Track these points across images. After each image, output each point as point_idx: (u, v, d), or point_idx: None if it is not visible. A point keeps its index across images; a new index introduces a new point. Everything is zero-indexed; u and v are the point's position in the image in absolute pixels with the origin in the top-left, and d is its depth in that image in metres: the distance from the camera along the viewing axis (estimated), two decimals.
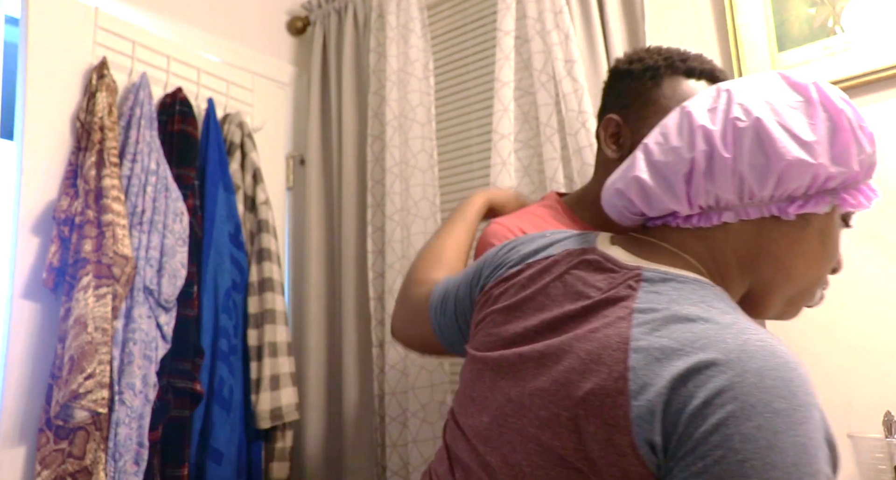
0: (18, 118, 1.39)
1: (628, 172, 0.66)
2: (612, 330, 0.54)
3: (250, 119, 1.90)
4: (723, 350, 0.48)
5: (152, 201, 1.45)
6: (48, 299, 1.37)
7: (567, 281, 0.63)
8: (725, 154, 0.58)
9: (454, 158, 1.78)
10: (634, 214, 0.67)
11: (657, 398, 0.48)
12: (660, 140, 0.64)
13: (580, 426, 0.51)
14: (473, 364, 0.67)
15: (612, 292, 0.58)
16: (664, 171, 0.62)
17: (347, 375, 1.76)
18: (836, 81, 1.21)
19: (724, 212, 0.61)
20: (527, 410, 0.56)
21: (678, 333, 0.51)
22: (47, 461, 1.25)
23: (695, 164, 0.60)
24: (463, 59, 1.80)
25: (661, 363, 0.49)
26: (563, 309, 0.61)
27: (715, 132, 0.59)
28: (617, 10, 1.45)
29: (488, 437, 0.59)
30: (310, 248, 1.92)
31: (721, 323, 0.51)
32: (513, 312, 0.66)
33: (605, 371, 0.51)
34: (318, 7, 2.06)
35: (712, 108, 0.62)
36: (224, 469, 1.52)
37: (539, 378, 0.57)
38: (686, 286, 0.57)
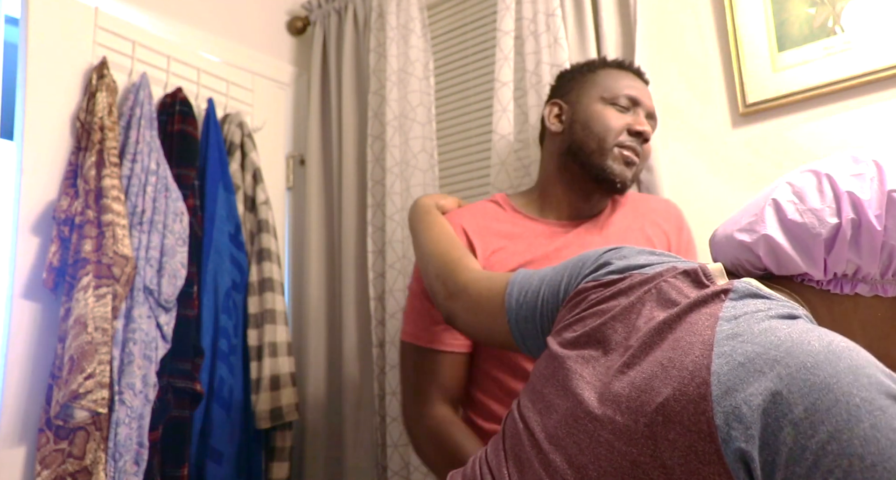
0: (18, 118, 1.39)
1: (756, 227, 0.62)
2: (696, 337, 0.53)
3: (250, 119, 1.90)
4: (809, 353, 0.47)
5: (152, 201, 1.45)
6: (48, 299, 1.37)
7: (661, 288, 0.62)
8: (877, 226, 0.56)
9: (454, 158, 1.78)
10: (756, 269, 0.65)
11: (745, 406, 0.46)
12: (793, 200, 0.61)
13: (657, 432, 0.50)
14: (551, 361, 0.65)
15: (700, 299, 0.57)
16: (800, 233, 0.59)
17: (347, 375, 1.76)
18: (836, 81, 1.21)
19: (859, 283, 0.59)
20: (600, 414, 0.55)
21: (761, 337, 0.50)
22: (47, 461, 1.25)
23: (840, 230, 0.57)
24: (463, 59, 1.80)
25: (744, 367, 0.48)
26: (650, 325, 0.59)
27: (865, 202, 0.56)
28: (612, 14, 1.45)
29: (555, 436, 0.58)
30: (310, 248, 1.92)
31: (803, 327, 0.50)
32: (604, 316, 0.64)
33: (686, 377, 0.50)
34: (318, 7, 2.06)
35: (857, 174, 0.59)
36: (224, 469, 1.52)
37: (616, 383, 0.55)
38: (775, 303, 0.55)
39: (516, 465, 0.61)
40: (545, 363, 0.67)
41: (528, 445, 0.60)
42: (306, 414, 1.83)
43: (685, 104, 1.40)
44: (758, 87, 1.30)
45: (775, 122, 1.29)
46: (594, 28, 1.46)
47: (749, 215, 0.65)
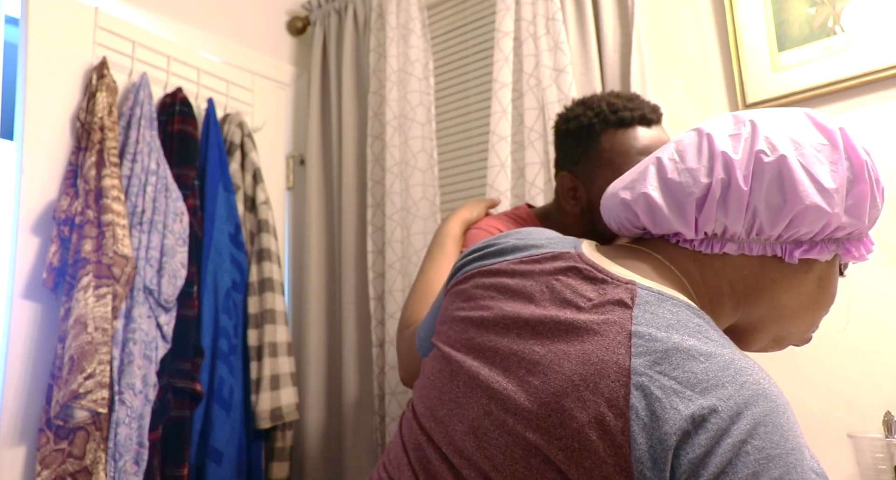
0: (18, 118, 1.39)
1: (637, 185, 0.64)
2: (610, 356, 0.52)
3: (250, 119, 1.90)
4: (722, 396, 0.48)
5: (152, 201, 1.45)
6: (48, 299, 1.37)
7: (554, 287, 0.60)
8: (744, 187, 0.57)
9: (454, 159, 1.78)
10: (636, 227, 0.66)
11: (660, 444, 0.47)
12: (674, 158, 0.62)
13: (573, 458, 0.49)
14: (444, 362, 0.63)
15: (605, 308, 0.56)
16: (676, 192, 0.61)
17: (347, 375, 1.76)
18: (836, 81, 1.22)
19: (727, 243, 0.60)
20: (511, 430, 0.53)
21: (680, 372, 0.50)
22: (47, 461, 1.25)
23: (710, 190, 0.58)
24: (463, 59, 1.80)
25: (662, 405, 0.48)
26: (547, 312, 0.58)
27: (736, 162, 0.58)
28: (612, 17, 1.45)
29: (464, 449, 0.55)
30: (310, 248, 1.92)
31: (720, 361, 0.51)
32: (489, 301, 0.62)
33: (602, 404, 0.49)
34: (318, 7, 2.06)
35: (734, 134, 0.60)
36: (224, 469, 1.52)
37: (522, 396, 0.53)
38: (682, 311, 0.56)
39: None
40: (438, 366, 0.63)
41: (436, 460, 0.57)
42: (306, 414, 1.83)
43: (685, 104, 1.40)
44: (758, 87, 1.30)
45: None
46: (595, 32, 1.46)
47: (635, 172, 0.66)
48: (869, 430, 1.09)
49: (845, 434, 1.12)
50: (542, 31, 1.48)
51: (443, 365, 0.62)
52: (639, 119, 1.02)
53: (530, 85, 1.48)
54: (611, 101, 1.04)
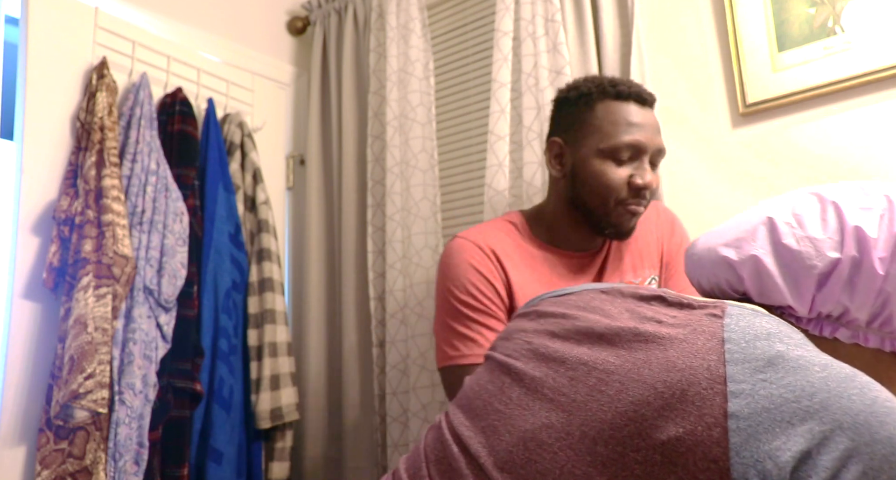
0: (18, 118, 1.39)
1: (744, 245, 0.57)
2: (699, 362, 0.46)
3: (250, 119, 1.90)
4: (848, 411, 0.41)
5: (152, 201, 1.45)
6: (48, 299, 1.37)
7: (634, 309, 0.55)
8: (880, 271, 0.51)
9: (454, 158, 1.78)
10: (735, 291, 0.59)
11: (770, 461, 0.41)
12: (792, 223, 0.55)
13: (653, 472, 0.44)
14: (498, 371, 0.58)
15: (691, 320, 0.51)
16: (793, 261, 0.54)
17: (347, 375, 1.76)
18: (836, 81, 1.21)
19: (841, 328, 0.54)
20: (574, 444, 0.47)
21: (792, 379, 0.43)
22: (47, 461, 1.25)
23: (837, 267, 0.52)
24: (463, 59, 1.80)
25: (770, 413, 0.42)
26: (624, 324, 0.53)
27: (872, 242, 0.52)
28: (612, 17, 1.45)
29: (510, 462, 0.50)
30: (310, 248, 1.92)
31: (840, 372, 0.44)
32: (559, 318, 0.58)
33: (693, 413, 0.44)
34: (318, 7, 2.06)
35: (867, 208, 0.54)
36: (224, 469, 1.52)
37: (593, 405, 0.48)
38: (783, 323, 0.49)
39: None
40: (489, 376, 0.59)
41: (466, 471, 0.52)
42: (306, 414, 1.83)
43: (685, 104, 1.40)
44: (758, 87, 1.30)
45: (775, 122, 1.29)
46: (594, 32, 1.46)
47: (739, 230, 0.59)
48: None
49: None
50: (541, 32, 1.48)
51: (496, 374, 0.58)
52: (635, 96, 1.08)
53: (528, 85, 1.48)
54: (612, 78, 1.12)
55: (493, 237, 1.16)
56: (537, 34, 1.48)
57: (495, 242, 1.15)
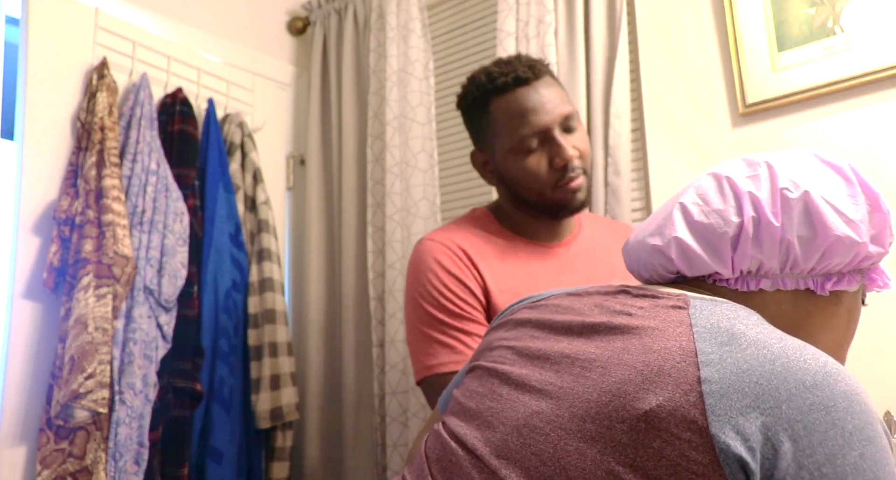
0: (19, 118, 1.39)
1: (666, 231, 0.64)
2: (672, 343, 0.52)
3: (250, 119, 1.90)
4: (807, 371, 0.48)
5: (152, 201, 1.45)
6: (48, 299, 1.37)
7: (603, 304, 0.61)
8: (775, 222, 0.58)
9: (454, 158, 1.78)
10: (669, 272, 0.66)
11: (742, 417, 0.46)
12: (698, 202, 0.63)
13: (640, 440, 0.48)
14: (487, 375, 0.62)
15: (658, 310, 0.56)
16: (707, 233, 0.61)
17: (347, 375, 1.76)
18: (836, 81, 1.22)
19: (762, 279, 0.61)
20: (565, 424, 0.51)
21: (753, 350, 0.49)
22: (48, 460, 1.25)
23: (743, 228, 0.59)
24: (463, 59, 1.81)
25: (739, 378, 0.47)
26: (599, 319, 0.58)
27: (763, 200, 0.59)
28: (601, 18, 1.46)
29: (506, 449, 0.53)
30: (310, 248, 1.92)
31: (794, 343, 0.51)
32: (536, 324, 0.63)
33: (670, 384, 0.48)
34: (318, 7, 2.06)
35: (753, 176, 0.62)
36: (224, 468, 1.52)
37: (579, 389, 0.53)
38: (739, 309, 0.56)
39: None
40: (477, 383, 0.63)
41: (467, 466, 0.55)
42: (306, 414, 1.83)
43: (685, 104, 1.40)
44: (757, 87, 1.30)
45: (775, 122, 1.29)
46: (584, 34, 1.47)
47: (659, 219, 0.67)
48: None
49: None
50: (533, 33, 1.49)
51: (484, 379, 0.62)
52: (514, 81, 1.05)
53: None
54: (489, 70, 1.09)
55: (462, 235, 1.13)
56: (530, 36, 1.49)
57: (463, 239, 1.11)
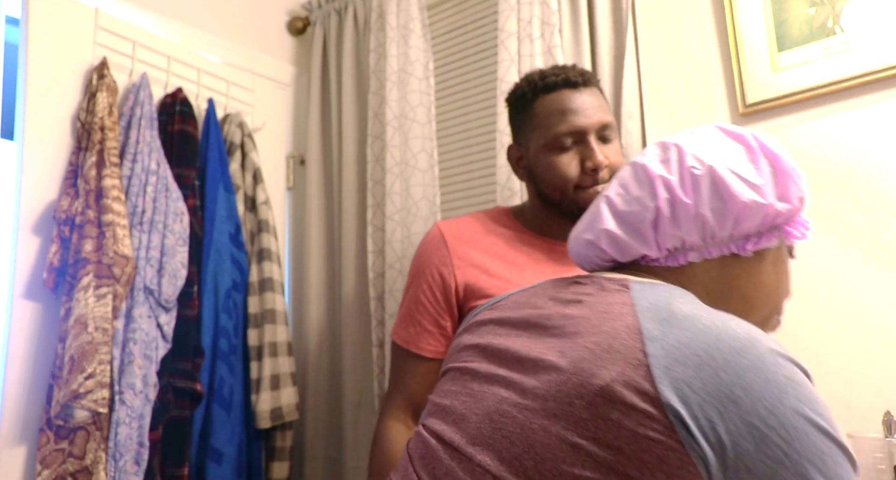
0: (19, 118, 1.39)
1: (595, 224, 0.70)
2: (619, 322, 0.56)
3: (250, 119, 1.90)
4: (736, 338, 0.53)
5: (152, 201, 1.45)
6: (48, 299, 1.37)
7: (555, 295, 0.66)
8: (687, 200, 0.64)
9: (454, 158, 1.78)
10: (606, 262, 0.72)
11: (688, 387, 0.50)
12: (620, 192, 0.69)
13: (599, 413, 0.51)
14: (457, 374, 0.66)
15: (604, 294, 0.61)
16: (631, 220, 0.67)
17: (347, 375, 1.76)
18: (836, 82, 1.22)
19: (688, 253, 0.67)
20: (530, 406, 0.55)
21: (688, 324, 0.54)
22: (48, 460, 1.25)
23: (659, 211, 0.65)
24: (463, 59, 1.81)
25: (679, 350, 0.52)
26: (553, 310, 0.63)
27: (673, 181, 0.65)
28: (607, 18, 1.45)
29: (479, 436, 0.57)
30: (310, 248, 1.92)
31: (724, 316, 0.56)
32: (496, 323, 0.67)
33: (620, 360, 0.53)
34: (318, 7, 2.06)
35: (664, 159, 0.68)
36: (224, 468, 1.52)
37: (542, 376, 0.56)
38: (674, 290, 0.61)
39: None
40: (450, 384, 0.67)
41: (445, 458, 0.59)
42: (306, 414, 1.83)
43: (685, 104, 1.40)
44: (757, 87, 1.30)
45: (775, 122, 1.29)
46: (589, 35, 1.47)
47: (590, 215, 0.73)
48: (869, 430, 1.10)
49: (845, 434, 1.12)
50: (537, 34, 1.49)
51: (457, 379, 0.66)
52: (563, 82, 1.11)
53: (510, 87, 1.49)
54: (543, 71, 1.15)
55: (460, 223, 1.20)
56: (534, 36, 1.49)
57: (459, 227, 1.19)
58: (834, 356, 1.17)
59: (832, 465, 0.49)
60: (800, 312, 1.21)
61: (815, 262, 1.21)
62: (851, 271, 1.17)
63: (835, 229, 1.20)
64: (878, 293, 1.15)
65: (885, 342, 1.13)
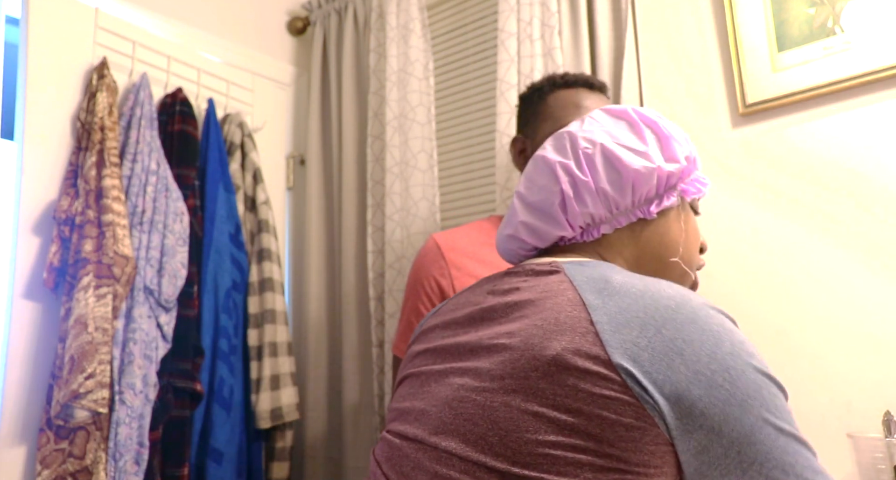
0: (19, 118, 1.39)
1: (512, 219, 0.76)
2: (561, 298, 0.60)
3: (250, 119, 1.90)
4: (669, 297, 0.57)
5: (152, 201, 1.45)
6: (48, 299, 1.37)
7: (492, 289, 0.70)
8: (585, 178, 0.69)
9: (454, 158, 1.78)
10: (528, 251, 0.77)
11: (635, 346, 0.54)
12: (527, 185, 0.74)
13: (555, 380, 0.54)
14: (415, 376, 0.69)
15: (539, 278, 0.65)
16: (541, 207, 0.72)
17: (347, 375, 1.76)
18: (836, 82, 1.22)
19: (600, 226, 0.71)
20: (487, 387, 0.57)
21: (623, 290, 0.58)
22: (48, 460, 1.25)
23: (564, 193, 0.70)
24: (463, 59, 1.81)
25: (622, 315, 0.56)
26: (494, 301, 0.66)
27: (570, 164, 0.70)
28: (607, 20, 1.45)
29: (440, 424, 0.59)
30: (310, 248, 1.92)
31: (651, 280, 0.60)
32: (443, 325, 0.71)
33: (568, 330, 0.56)
34: (318, 7, 2.06)
35: (559, 147, 0.73)
36: (224, 468, 1.52)
37: (496, 358, 0.59)
38: (600, 264, 0.65)
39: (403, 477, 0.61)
40: (407, 388, 0.70)
41: (411, 453, 0.61)
42: (306, 414, 1.83)
43: (685, 104, 1.40)
44: (757, 87, 1.30)
45: (775, 122, 1.29)
46: (588, 36, 1.47)
47: (508, 213, 0.78)
48: (869, 430, 1.10)
49: (845, 434, 1.12)
50: (538, 35, 1.49)
51: (413, 382, 0.69)
52: (583, 82, 1.15)
53: (525, 86, 1.49)
54: (565, 72, 1.19)
55: (455, 235, 1.21)
56: (534, 37, 1.49)
57: (455, 238, 1.20)
58: (834, 356, 1.17)
59: (770, 397, 0.54)
60: (800, 311, 1.21)
61: (815, 262, 1.21)
62: (851, 270, 1.17)
63: (835, 228, 1.20)
64: (878, 293, 1.15)
65: (884, 343, 1.13)
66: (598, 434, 0.52)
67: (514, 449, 0.54)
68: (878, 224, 1.16)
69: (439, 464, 0.57)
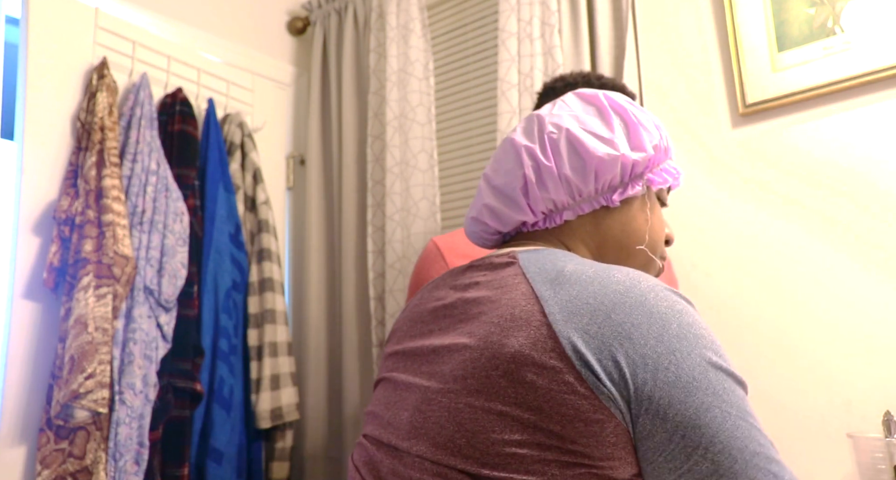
0: (19, 118, 1.39)
1: (477, 202, 0.75)
2: (515, 292, 0.60)
3: (250, 119, 1.90)
4: (618, 282, 0.57)
5: (152, 201, 1.45)
6: (48, 299, 1.37)
7: (454, 284, 0.70)
8: (548, 163, 0.68)
9: (454, 158, 1.78)
10: (492, 234, 0.77)
11: (586, 334, 0.54)
12: (494, 166, 0.74)
13: (514, 378, 0.54)
14: (387, 382, 0.70)
15: (496, 272, 0.65)
16: (504, 192, 0.71)
17: (347, 375, 1.76)
18: (836, 82, 1.22)
19: (563, 212, 0.70)
20: (452, 389, 0.58)
21: (574, 278, 0.58)
22: (48, 460, 1.25)
23: (527, 178, 0.69)
24: (463, 59, 1.81)
25: (572, 303, 0.56)
26: (456, 297, 0.66)
27: (535, 148, 0.69)
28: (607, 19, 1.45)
29: (411, 429, 0.60)
30: (310, 248, 1.92)
31: (601, 266, 0.60)
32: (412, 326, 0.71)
33: (523, 324, 0.56)
34: (318, 7, 2.06)
35: (528, 130, 0.72)
36: (224, 468, 1.52)
37: (456, 361, 0.59)
38: (555, 253, 0.65)
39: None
40: (382, 393, 0.70)
41: (386, 459, 0.61)
42: (306, 414, 1.83)
43: (685, 104, 1.40)
44: (758, 87, 1.30)
45: (775, 122, 1.29)
46: (588, 35, 1.47)
47: (475, 197, 0.77)
48: (869, 430, 1.10)
49: (845, 434, 1.12)
50: (537, 34, 1.49)
51: (387, 386, 0.70)
52: (620, 88, 1.12)
53: (526, 85, 1.49)
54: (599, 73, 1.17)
55: (454, 237, 1.21)
56: (534, 36, 1.49)
57: (454, 241, 1.20)
58: (834, 356, 1.17)
59: (717, 379, 0.53)
60: (800, 311, 1.21)
61: (815, 262, 1.21)
62: (851, 270, 1.17)
63: (834, 228, 1.20)
64: (878, 293, 1.15)
65: (884, 343, 1.13)
66: (559, 431, 0.52)
67: (482, 450, 0.54)
68: (877, 224, 1.16)
69: (413, 469, 0.58)
